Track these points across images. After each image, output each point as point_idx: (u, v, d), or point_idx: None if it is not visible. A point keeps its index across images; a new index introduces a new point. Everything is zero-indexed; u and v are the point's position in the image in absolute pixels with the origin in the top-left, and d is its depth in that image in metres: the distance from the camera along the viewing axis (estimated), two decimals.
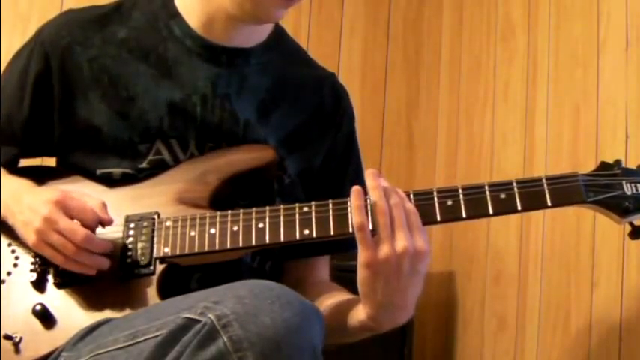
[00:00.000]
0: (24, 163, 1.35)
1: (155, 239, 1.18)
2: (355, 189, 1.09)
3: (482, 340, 2.05)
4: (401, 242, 1.06)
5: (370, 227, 1.08)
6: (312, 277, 1.37)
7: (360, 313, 1.13)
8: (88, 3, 1.41)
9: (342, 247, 1.36)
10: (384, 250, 1.06)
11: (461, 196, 1.13)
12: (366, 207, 1.09)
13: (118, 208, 1.21)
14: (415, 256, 1.07)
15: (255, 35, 1.33)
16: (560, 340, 1.74)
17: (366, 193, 1.11)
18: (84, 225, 1.15)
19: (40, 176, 1.27)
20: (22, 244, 1.21)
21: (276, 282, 0.99)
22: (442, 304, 2.21)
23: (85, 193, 1.21)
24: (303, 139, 1.35)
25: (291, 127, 1.34)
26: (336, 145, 1.38)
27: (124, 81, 1.27)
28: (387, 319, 1.12)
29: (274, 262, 1.35)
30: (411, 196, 1.13)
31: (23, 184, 1.23)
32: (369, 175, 1.11)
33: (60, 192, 1.17)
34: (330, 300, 1.26)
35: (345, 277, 1.45)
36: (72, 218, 1.15)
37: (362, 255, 1.07)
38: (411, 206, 1.09)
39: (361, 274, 1.09)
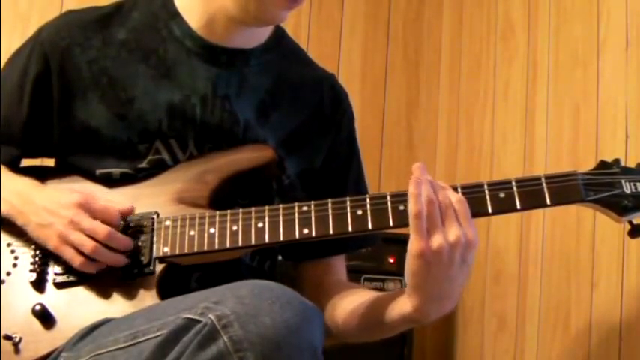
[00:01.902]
0: (23, 162, 1.35)
1: (155, 239, 1.18)
2: (414, 178, 1.07)
3: (482, 340, 2.05)
4: (453, 233, 1.05)
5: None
6: (332, 276, 1.37)
7: (403, 306, 1.12)
8: (88, 3, 1.41)
9: (357, 244, 1.37)
10: (437, 240, 1.05)
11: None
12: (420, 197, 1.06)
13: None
14: (466, 247, 1.06)
15: (256, 36, 1.33)
16: (560, 340, 1.74)
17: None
18: (108, 224, 1.16)
19: (40, 176, 1.26)
20: (22, 243, 1.21)
21: (275, 282, 0.99)
22: None
23: (109, 199, 1.21)
24: (302, 140, 1.34)
25: (291, 127, 1.34)
26: (336, 145, 1.38)
27: (123, 82, 1.27)
28: (434, 309, 1.11)
29: (273, 261, 1.35)
30: (459, 189, 1.12)
31: (27, 184, 1.23)
32: (416, 169, 1.09)
33: (81, 194, 1.18)
34: (361, 297, 1.25)
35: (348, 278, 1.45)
36: (95, 219, 1.15)
37: (415, 245, 1.05)
38: (458, 196, 1.09)
39: (413, 264, 1.06)
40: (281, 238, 1.14)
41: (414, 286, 1.09)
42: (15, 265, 1.21)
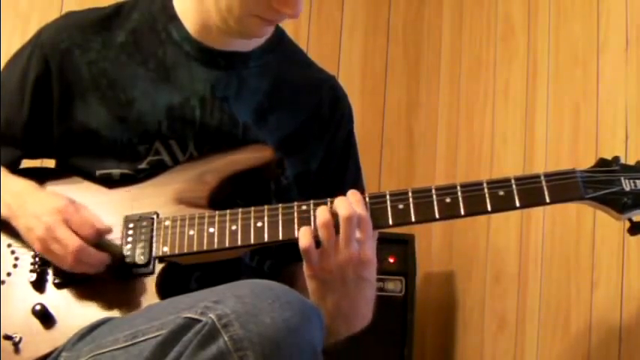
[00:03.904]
0: (24, 163, 1.35)
1: (154, 239, 1.18)
2: None
3: (482, 340, 2.05)
4: (343, 252, 1.10)
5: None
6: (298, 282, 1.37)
7: None
8: (88, 4, 1.41)
9: None
10: (326, 261, 1.10)
11: (459, 194, 1.13)
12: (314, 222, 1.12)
13: (117, 209, 1.21)
14: (358, 264, 1.11)
15: (254, 40, 1.33)
16: (560, 340, 1.74)
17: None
18: (81, 237, 1.14)
19: (40, 177, 1.26)
20: (22, 244, 1.21)
21: (275, 282, 1.00)
22: (442, 304, 2.21)
23: (93, 214, 1.20)
24: (301, 142, 1.34)
25: (290, 129, 1.33)
26: (333, 146, 1.38)
27: (122, 84, 1.27)
28: (341, 327, 1.17)
29: (273, 261, 1.35)
30: (367, 199, 1.14)
31: (27, 186, 1.23)
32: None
33: (64, 201, 1.17)
34: None
35: None
36: (71, 229, 1.15)
37: (307, 269, 1.13)
38: (360, 213, 1.11)
39: (309, 285, 1.14)
40: (280, 238, 1.15)
41: (317, 305, 1.10)
42: (15, 266, 1.21)
